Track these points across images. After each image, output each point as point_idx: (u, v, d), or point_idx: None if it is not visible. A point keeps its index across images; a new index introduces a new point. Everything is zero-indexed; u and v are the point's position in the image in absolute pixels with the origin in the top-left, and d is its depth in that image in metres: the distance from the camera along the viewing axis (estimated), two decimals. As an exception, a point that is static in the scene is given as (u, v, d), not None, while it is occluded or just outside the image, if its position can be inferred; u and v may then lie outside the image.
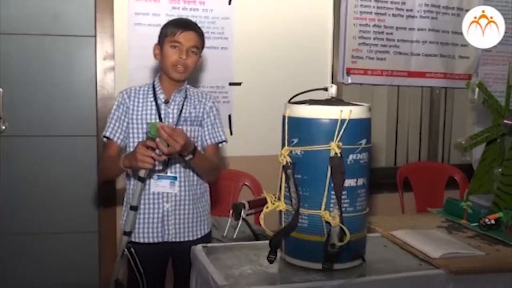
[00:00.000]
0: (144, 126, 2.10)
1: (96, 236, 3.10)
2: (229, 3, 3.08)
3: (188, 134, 2.11)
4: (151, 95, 2.14)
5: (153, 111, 2.12)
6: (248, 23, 3.13)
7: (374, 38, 3.35)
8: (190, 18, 2.99)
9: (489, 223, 2.03)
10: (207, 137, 2.21)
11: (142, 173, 1.95)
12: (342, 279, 1.54)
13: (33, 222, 3.08)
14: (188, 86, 2.21)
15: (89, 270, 3.12)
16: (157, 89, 2.15)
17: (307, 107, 1.59)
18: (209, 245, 1.86)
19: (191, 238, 2.15)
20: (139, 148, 1.88)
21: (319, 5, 3.26)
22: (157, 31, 2.91)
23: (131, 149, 2.09)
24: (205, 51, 3.01)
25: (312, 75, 3.23)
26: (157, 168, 2.05)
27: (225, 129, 3.10)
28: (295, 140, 1.58)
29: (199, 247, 1.82)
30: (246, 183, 3.10)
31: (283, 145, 1.61)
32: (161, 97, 2.14)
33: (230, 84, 3.14)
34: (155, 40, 2.20)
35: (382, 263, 1.70)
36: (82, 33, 3.02)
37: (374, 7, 3.32)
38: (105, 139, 2.14)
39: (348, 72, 3.31)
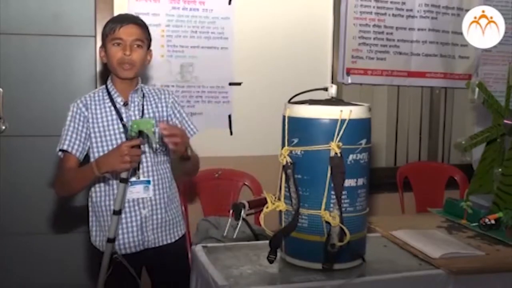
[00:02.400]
0: (107, 133, 1.99)
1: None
2: (229, 3, 3.08)
3: (157, 135, 2.00)
4: (108, 100, 2.03)
5: (114, 116, 2.01)
6: (248, 23, 3.13)
7: (374, 38, 3.35)
8: (190, 18, 3.04)
9: (489, 223, 2.03)
10: None
11: (124, 174, 1.86)
12: (342, 279, 1.54)
13: (33, 222, 3.08)
14: (142, 84, 2.10)
15: (89, 270, 3.12)
16: (112, 92, 2.03)
17: (307, 107, 1.59)
18: (209, 245, 1.86)
19: (169, 241, 2.09)
20: (127, 149, 1.79)
21: (319, 5, 3.26)
22: (157, 31, 2.95)
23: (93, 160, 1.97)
24: (205, 51, 3.06)
25: (312, 75, 3.23)
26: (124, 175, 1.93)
27: (225, 129, 3.14)
28: (295, 140, 1.58)
29: (199, 247, 1.82)
30: (246, 183, 3.10)
31: (283, 145, 1.61)
32: (119, 100, 2.02)
33: (230, 84, 3.13)
34: (155, 40, 2.19)
35: (382, 263, 1.70)
36: (82, 33, 3.03)
37: (374, 7, 3.32)
38: (60, 153, 1.99)
39: (348, 72, 3.31)
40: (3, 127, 3.00)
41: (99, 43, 2.93)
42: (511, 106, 2.33)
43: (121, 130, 2.01)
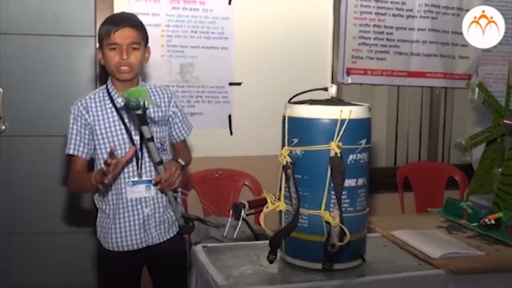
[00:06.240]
0: (109, 134, 1.99)
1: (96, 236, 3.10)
2: (229, 3, 3.08)
3: (158, 135, 2.05)
4: (108, 100, 2.02)
5: (115, 117, 2.01)
6: (248, 23, 3.13)
7: (374, 38, 3.35)
8: (190, 18, 3.04)
9: (489, 223, 2.03)
10: (179, 134, 2.17)
11: (148, 134, 1.83)
12: (342, 279, 1.54)
13: (33, 222, 3.08)
14: (143, 83, 2.10)
15: (89, 270, 3.12)
16: (112, 93, 2.03)
17: (307, 107, 1.59)
18: (209, 245, 1.86)
19: (169, 236, 2.11)
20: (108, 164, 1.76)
21: (319, 5, 3.26)
22: (157, 31, 2.96)
23: (101, 161, 2.00)
24: (205, 51, 3.06)
25: (312, 75, 3.23)
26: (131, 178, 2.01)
27: (225, 129, 3.14)
28: (295, 140, 1.58)
29: (199, 247, 1.82)
30: (246, 183, 3.10)
31: (283, 145, 1.61)
32: (119, 100, 2.01)
33: (230, 84, 3.13)
34: (155, 40, 2.20)
35: (382, 263, 1.70)
36: (82, 33, 3.03)
37: (374, 7, 3.32)
38: (68, 157, 2.03)
39: (348, 72, 3.31)
40: (3, 127, 3.00)
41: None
42: (511, 106, 2.33)
43: (123, 131, 2.01)
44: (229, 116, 3.15)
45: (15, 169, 3.05)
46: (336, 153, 1.52)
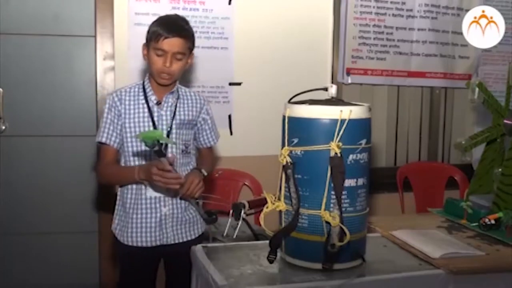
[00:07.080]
0: (137, 130, 2.04)
1: (96, 236, 3.10)
2: (229, 3, 3.09)
3: (183, 137, 2.11)
4: (142, 97, 2.07)
5: (146, 114, 2.05)
6: (248, 23, 3.13)
7: (374, 38, 3.35)
8: (190, 18, 3.02)
9: (489, 223, 2.03)
10: (206, 141, 2.23)
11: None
12: (342, 279, 1.54)
13: (33, 222, 3.09)
14: (179, 86, 2.15)
15: (89, 270, 3.12)
16: (147, 90, 2.08)
17: (307, 107, 1.59)
18: (209, 245, 1.86)
19: (186, 239, 2.14)
20: (156, 173, 1.83)
21: (319, 5, 3.26)
22: (157, 31, 2.95)
23: (127, 154, 2.06)
24: (205, 51, 3.06)
25: (312, 75, 3.23)
26: None
27: (225, 129, 3.14)
28: (295, 140, 1.58)
29: (199, 247, 1.82)
30: (246, 183, 3.10)
31: (283, 145, 1.61)
32: (153, 98, 2.07)
33: (230, 84, 3.14)
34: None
35: (382, 263, 1.69)
36: (82, 33, 3.03)
37: (374, 7, 3.32)
38: (99, 145, 2.08)
39: (348, 72, 3.31)
40: (3, 127, 3.00)
41: (99, 43, 2.95)
42: (511, 106, 2.33)
43: (152, 128, 2.05)
44: (229, 116, 3.15)
45: (15, 169, 3.05)
46: (336, 153, 1.52)
